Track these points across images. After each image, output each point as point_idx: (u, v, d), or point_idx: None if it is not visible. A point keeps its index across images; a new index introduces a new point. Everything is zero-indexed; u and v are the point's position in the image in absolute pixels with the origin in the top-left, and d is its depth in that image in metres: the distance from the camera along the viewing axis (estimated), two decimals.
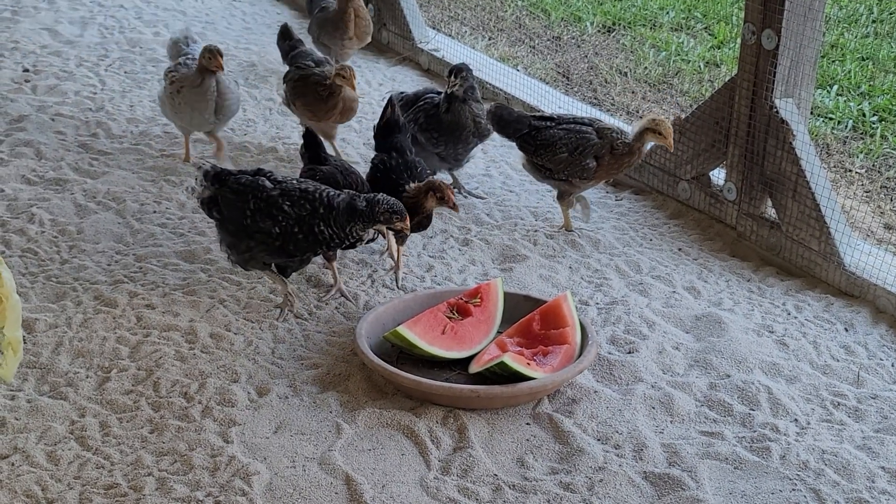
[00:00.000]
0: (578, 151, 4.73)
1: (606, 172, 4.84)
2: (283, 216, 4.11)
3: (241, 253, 4.26)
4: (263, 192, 4.15)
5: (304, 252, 4.21)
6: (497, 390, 3.67)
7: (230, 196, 4.21)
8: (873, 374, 4.01)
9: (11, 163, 5.68)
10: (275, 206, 4.12)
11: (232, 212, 4.21)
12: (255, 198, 4.15)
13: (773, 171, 4.77)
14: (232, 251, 4.30)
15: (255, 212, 4.14)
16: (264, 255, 4.23)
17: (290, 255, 4.23)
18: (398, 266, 4.63)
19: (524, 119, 4.98)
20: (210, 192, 4.27)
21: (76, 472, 3.40)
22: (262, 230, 4.14)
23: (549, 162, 4.83)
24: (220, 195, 4.25)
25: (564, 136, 4.80)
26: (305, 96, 5.54)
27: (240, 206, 4.17)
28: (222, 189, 4.24)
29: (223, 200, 4.24)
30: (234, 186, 4.22)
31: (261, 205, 4.13)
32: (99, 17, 8.33)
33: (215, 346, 4.12)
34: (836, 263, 4.58)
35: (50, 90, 6.75)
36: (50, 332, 4.16)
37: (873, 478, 3.43)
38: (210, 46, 5.35)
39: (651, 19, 8.51)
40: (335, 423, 3.66)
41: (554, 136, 4.82)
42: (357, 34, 6.79)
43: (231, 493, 3.30)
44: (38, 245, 4.84)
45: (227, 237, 4.28)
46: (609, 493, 3.35)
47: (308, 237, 4.11)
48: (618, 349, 4.15)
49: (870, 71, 7.26)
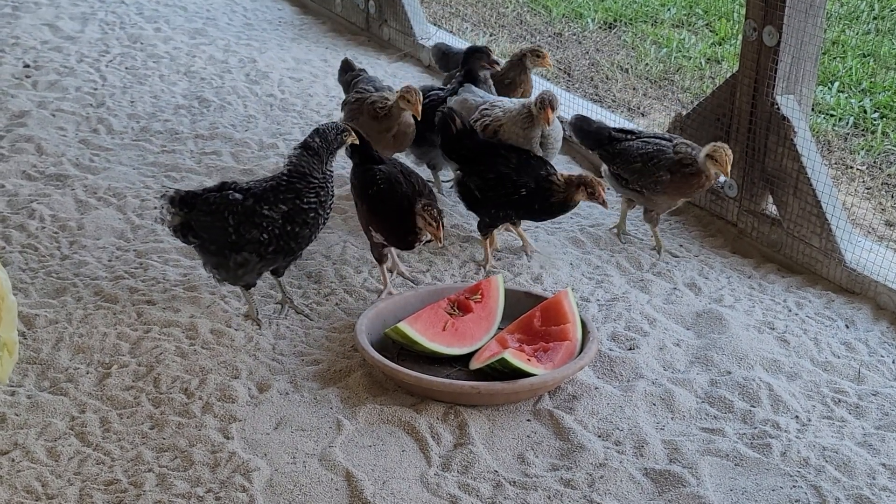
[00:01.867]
0: (653, 163, 4.70)
1: (677, 190, 4.72)
2: (266, 221, 4.06)
3: (232, 270, 4.17)
4: (237, 205, 4.09)
5: (309, 240, 4.20)
6: (498, 387, 3.67)
7: (204, 218, 4.13)
8: (874, 371, 4.01)
9: (12, 158, 5.68)
10: (255, 214, 4.06)
11: (211, 233, 4.13)
12: (231, 213, 4.08)
13: (774, 167, 4.76)
14: (219, 270, 4.21)
15: (237, 226, 4.07)
16: (260, 264, 4.17)
17: (291, 253, 4.21)
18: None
19: (603, 130, 4.99)
20: (180, 217, 4.17)
21: (76, 468, 3.40)
22: (251, 241, 4.08)
23: (625, 171, 4.82)
24: (191, 220, 4.16)
25: (642, 147, 4.78)
26: (359, 118, 5.10)
27: (219, 226, 4.10)
28: (193, 213, 4.15)
29: (198, 224, 4.15)
30: (205, 208, 4.14)
31: (240, 218, 4.07)
32: (100, 12, 8.32)
33: (216, 342, 4.12)
34: (837, 260, 4.58)
35: (51, 86, 6.75)
36: (50, 328, 4.16)
37: (874, 474, 3.43)
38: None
39: (652, 16, 8.50)
40: (336, 419, 3.65)
41: (631, 147, 4.82)
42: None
43: (231, 490, 3.30)
44: (38, 241, 4.84)
45: (212, 258, 4.20)
46: (610, 490, 3.35)
47: (305, 222, 4.09)
48: (618, 346, 4.15)
49: (871, 67, 7.25)
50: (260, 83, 6.96)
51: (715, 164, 4.51)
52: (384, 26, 7.74)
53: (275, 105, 6.61)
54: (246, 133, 6.16)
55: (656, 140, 4.80)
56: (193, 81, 6.95)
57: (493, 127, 4.81)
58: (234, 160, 5.77)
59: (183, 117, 6.36)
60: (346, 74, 5.71)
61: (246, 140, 6.05)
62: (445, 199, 5.37)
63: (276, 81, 6.98)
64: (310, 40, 7.94)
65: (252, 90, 6.83)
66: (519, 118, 4.76)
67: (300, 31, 8.21)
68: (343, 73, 5.76)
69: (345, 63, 5.80)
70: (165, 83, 6.90)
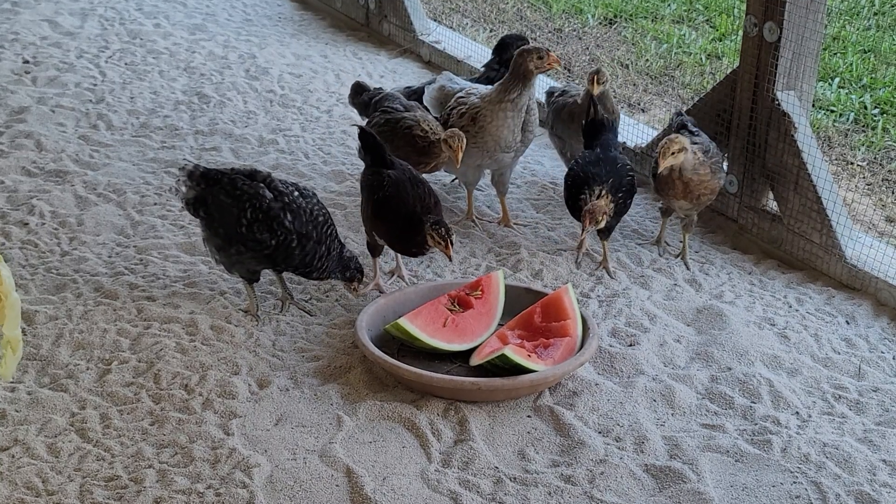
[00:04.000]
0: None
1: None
2: (282, 231, 4.05)
3: (228, 256, 4.16)
4: (263, 202, 4.05)
5: (289, 266, 4.17)
6: (498, 383, 3.67)
7: (225, 199, 4.08)
8: (874, 367, 4.01)
9: (12, 154, 5.67)
10: (276, 219, 4.04)
11: (225, 216, 4.09)
12: (252, 207, 4.05)
13: (774, 163, 4.76)
14: (219, 252, 4.19)
15: (252, 222, 4.04)
16: (253, 262, 4.16)
17: (275, 265, 4.19)
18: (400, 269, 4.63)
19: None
20: (195, 192, 4.13)
21: (77, 465, 3.40)
22: (257, 241, 4.07)
23: None
24: (209, 196, 4.11)
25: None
26: (394, 140, 4.75)
27: (235, 213, 4.06)
28: (213, 190, 4.10)
29: (214, 202, 4.10)
30: (229, 190, 4.09)
31: (259, 215, 4.04)
32: (99, 8, 8.31)
33: (216, 338, 4.11)
34: (837, 256, 4.57)
35: (50, 81, 6.74)
36: (50, 324, 4.15)
37: (874, 471, 3.43)
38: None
39: (652, 11, 8.49)
40: (336, 415, 3.65)
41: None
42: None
43: (232, 486, 3.30)
44: (38, 237, 4.84)
45: (215, 238, 4.16)
46: (610, 486, 3.35)
47: (304, 254, 4.09)
48: (619, 342, 4.15)
49: (871, 63, 7.24)
50: (260, 79, 6.95)
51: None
52: (384, 22, 7.73)
53: (275, 101, 6.60)
54: (246, 129, 6.15)
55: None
56: (193, 77, 6.94)
57: (471, 114, 4.81)
58: (233, 156, 5.76)
59: (183, 113, 6.35)
60: (360, 97, 5.33)
61: (246, 136, 6.04)
62: (446, 196, 5.37)
63: (275, 77, 6.97)
64: (310, 36, 7.93)
65: (252, 86, 6.82)
66: (497, 103, 4.76)
67: (300, 26, 8.20)
68: (357, 96, 5.36)
69: (357, 86, 5.40)
70: (165, 79, 6.89)
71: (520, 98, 4.72)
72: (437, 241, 4.11)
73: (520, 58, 4.69)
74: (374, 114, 5.03)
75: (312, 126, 6.21)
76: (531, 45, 4.81)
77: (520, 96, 4.71)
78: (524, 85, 4.71)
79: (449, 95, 5.11)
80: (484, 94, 4.85)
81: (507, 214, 5.09)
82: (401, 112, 4.91)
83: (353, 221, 5.01)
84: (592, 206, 4.41)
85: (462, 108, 4.86)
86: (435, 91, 5.30)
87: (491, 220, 5.13)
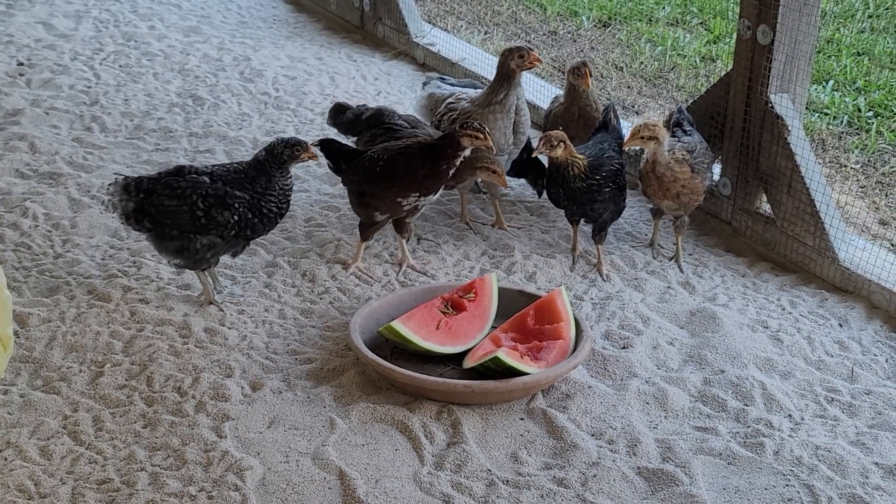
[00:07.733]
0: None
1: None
2: (237, 202, 4.12)
3: (195, 252, 4.19)
4: (206, 188, 4.13)
5: (258, 233, 4.26)
6: (491, 385, 3.67)
7: (169, 203, 4.13)
8: (867, 370, 4.01)
9: (5, 156, 5.66)
10: (227, 195, 4.12)
11: (177, 218, 4.13)
12: (201, 196, 4.11)
13: (768, 166, 4.76)
14: (179, 256, 4.21)
15: (208, 208, 4.11)
16: (222, 247, 4.23)
17: (246, 240, 4.28)
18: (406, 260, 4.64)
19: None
20: (134, 203, 4.17)
21: (69, 467, 3.39)
22: (220, 223, 4.12)
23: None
24: (150, 206, 4.15)
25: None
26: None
27: (186, 210, 4.11)
28: (151, 199, 4.15)
29: (159, 210, 4.14)
30: (168, 192, 4.14)
31: (210, 200, 4.11)
32: (94, 10, 8.30)
33: (209, 340, 4.11)
34: (830, 259, 4.58)
35: (44, 84, 6.74)
36: (43, 327, 4.15)
37: (867, 473, 3.43)
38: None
39: (647, 14, 8.50)
40: (329, 417, 3.65)
41: None
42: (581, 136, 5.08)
43: (224, 488, 3.29)
44: (31, 239, 4.83)
45: (173, 243, 4.19)
46: (603, 489, 3.35)
47: (261, 215, 4.17)
48: (612, 344, 4.15)
49: (865, 66, 7.25)
50: (254, 81, 6.94)
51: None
52: (379, 24, 7.73)
53: (269, 103, 6.60)
54: (240, 131, 6.15)
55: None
56: (188, 79, 6.93)
57: (462, 119, 4.81)
58: (227, 158, 5.76)
59: (177, 115, 6.35)
60: (342, 115, 4.99)
61: (240, 138, 6.04)
62: (440, 199, 5.36)
63: (270, 79, 6.97)
64: (304, 38, 7.93)
65: (246, 88, 6.82)
66: (486, 106, 4.78)
67: (295, 29, 8.20)
68: (339, 115, 5.01)
69: (337, 106, 5.06)
70: (159, 81, 6.89)
71: (507, 99, 4.74)
72: (475, 136, 4.21)
73: (502, 58, 4.74)
74: (376, 130, 4.80)
75: (307, 128, 6.21)
76: (513, 45, 4.83)
77: (507, 97, 4.74)
78: (509, 85, 4.74)
79: (438, 101, 5.12)
80: (474, 99, 4.87)
81: (501, 217, 5.10)
82: (404, 129, 4.73)
83: (347, 224, 5.01)
84: (549, 132, 4.50)
85: (453, 113, 4.88)
86: (423, 99, 5.31)
87: (485, 222, 5.13)
